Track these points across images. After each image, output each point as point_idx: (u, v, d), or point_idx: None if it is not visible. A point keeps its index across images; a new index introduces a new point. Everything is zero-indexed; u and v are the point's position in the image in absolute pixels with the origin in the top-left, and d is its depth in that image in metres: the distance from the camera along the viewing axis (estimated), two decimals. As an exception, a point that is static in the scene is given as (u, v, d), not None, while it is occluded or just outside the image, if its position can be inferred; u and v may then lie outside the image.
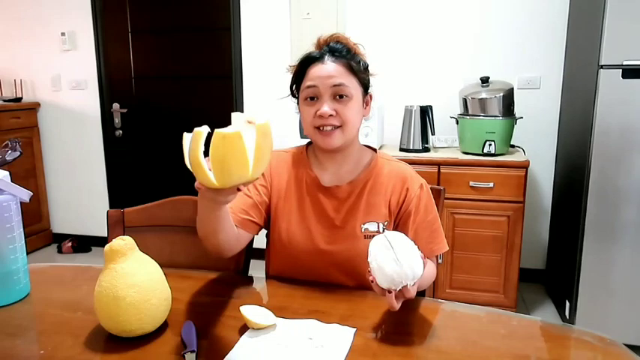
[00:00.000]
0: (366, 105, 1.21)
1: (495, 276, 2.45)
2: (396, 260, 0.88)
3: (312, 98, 1.14)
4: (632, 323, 2.19)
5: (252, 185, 1.22)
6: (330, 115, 1.12)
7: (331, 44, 1.16)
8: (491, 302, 2.37)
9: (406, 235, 0.95)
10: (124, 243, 0.90)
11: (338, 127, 1.13)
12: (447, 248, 1.22)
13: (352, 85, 1.13)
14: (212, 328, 0.94)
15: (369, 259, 0.92)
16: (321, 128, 1.13)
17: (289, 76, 1.22)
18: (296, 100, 1.22)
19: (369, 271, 0.92)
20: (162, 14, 3.30)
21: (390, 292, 0.90)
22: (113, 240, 0.90)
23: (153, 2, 3.30)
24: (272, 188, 1.23)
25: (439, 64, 2.87)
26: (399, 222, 1.19)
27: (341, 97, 1.12)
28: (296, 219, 1.20)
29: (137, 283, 0.87)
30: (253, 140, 0.80)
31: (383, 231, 1.17)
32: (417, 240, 1.16)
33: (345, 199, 1.19)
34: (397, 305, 0.92)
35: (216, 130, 0.77)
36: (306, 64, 1.16)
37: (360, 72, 1.16)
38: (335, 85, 1.12)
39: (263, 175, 1.23)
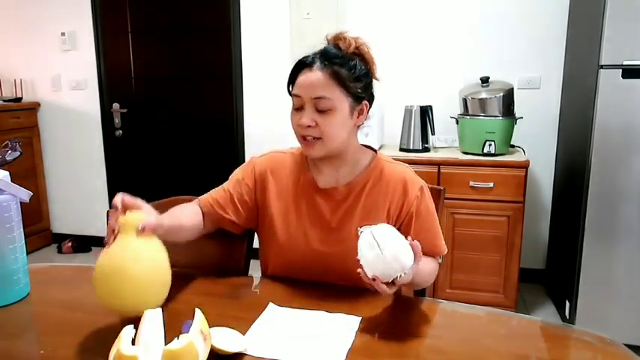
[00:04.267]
0: (360, 114, 1.16)
1: (495, 276, 2.45)
2: (380, 256, 0.90)
3: (298, 107, 1.14)
4: (632, 323, 2.19)
5: (235, 183, 1.25)
6: (309, 126, 1.11)
7: (326, 47, 1.14)
8: (491, 302, 2.37)
9: (405, 234, 0.96)
10: (138, 217, 0.93)
11: (318, 138, 1.12)
12: (446, 250, 1.21)
13: (336, 97, 1.10)
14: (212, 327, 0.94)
15: (358, 256, 0.94)
16: (305, 137, 1.13)
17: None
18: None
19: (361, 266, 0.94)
20: (162, 14, 3.30)
21: (374, 279, 0.92)
22: (127, 213, 0.94)
23: (153, 2, 3.30)
24: (266, 190, 1.23)
25: (439, 64, 2.87)
26: (400, 226, 1.18)
27: (322, 110, 1.10)
28: (292, 221, 1.20)
29: (146, 257, 0.91)
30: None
31: None
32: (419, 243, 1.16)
33: (342, 201, 1.19)
34: (390, 290, 0.94)
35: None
36: (298, 67, 1.14)
37: (350, 81, 1.10)
38: (316, 98, 1.09)
39: (253, 175, 1.25)
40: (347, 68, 1.11)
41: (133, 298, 0.87)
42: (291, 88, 1.17)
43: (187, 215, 1.19)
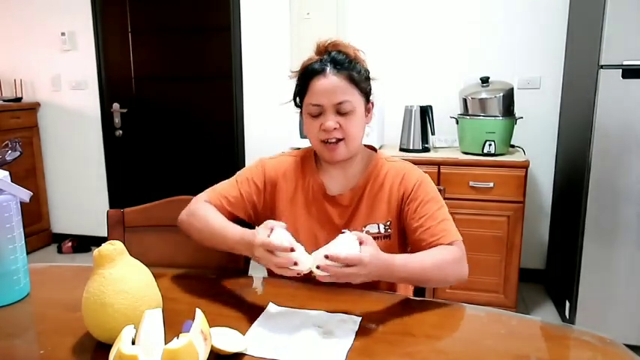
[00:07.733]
0: (368, 112, 1.22)
1: (495, 276, 2.45)
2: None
3: (316, 114, 1.17)
4: (632, 323, 2.19)
5: (244, 181, 1.26)
6: (335, 129, 1.14)
7: (333, 54, 1.16)
8: (491, 302, 2.36)
9: (411, 226, 1.11)
10: (112, 248, 0.88)
11: (341, 139, 1.16)
12: (459, 237, 1.18)
13: (354, 99, 1.15)
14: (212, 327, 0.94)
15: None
16: (327, 141, 1.16)
17: (289, 79, 1.23)
18: (299, 110, 1.23)
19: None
20: (162, 14, 3.30)
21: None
22: (102, 245, 0.89)
23: (153, 2, 3.30)
24: (277, 194, 1.25)
25: (439, 64, 2.87)
26: (404, 216, 1.20)
27: (344, 113, 1.15)
28: (302, 225, 1.22)
29: (126, 289, 0.85)
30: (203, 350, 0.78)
31: (385, 231, 1.20)
32: (425, 231, 1.16)
33: (349, 206, 1.23)
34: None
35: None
36: (308, 76, 1.17)
37: (362, 82, 1.17)
38: (338, 103, 1.14)
39: (263, 177, 1.26)
40: (356, 71, 1.16)
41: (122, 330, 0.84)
42: (299, 98, 1.20)
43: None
